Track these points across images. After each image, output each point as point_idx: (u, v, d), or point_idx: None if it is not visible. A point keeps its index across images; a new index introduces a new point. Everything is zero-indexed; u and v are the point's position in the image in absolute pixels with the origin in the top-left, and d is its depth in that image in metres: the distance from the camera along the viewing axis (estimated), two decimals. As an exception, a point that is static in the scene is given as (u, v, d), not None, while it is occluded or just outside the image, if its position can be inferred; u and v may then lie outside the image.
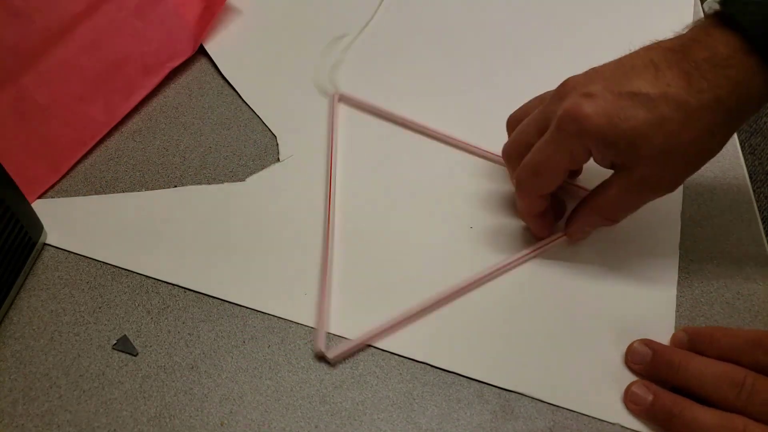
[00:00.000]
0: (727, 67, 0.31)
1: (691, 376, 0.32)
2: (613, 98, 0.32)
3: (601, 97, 0.32)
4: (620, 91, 0.32)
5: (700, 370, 0.32)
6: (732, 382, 0.31)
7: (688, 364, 0.32)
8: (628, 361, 0.34)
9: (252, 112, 0.48)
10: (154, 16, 0.51)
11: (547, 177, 0.35)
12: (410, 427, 0.32)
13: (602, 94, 0.33)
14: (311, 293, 0.37)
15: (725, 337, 0.33)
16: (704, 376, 0.32)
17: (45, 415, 0.33)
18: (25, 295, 0.37)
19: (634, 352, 0.34)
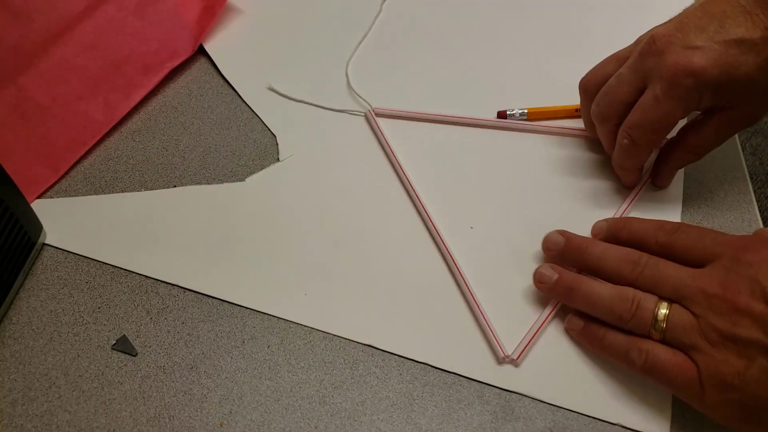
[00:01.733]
0: None
1: (596, 258, 0.35)
2: (720, 48, 0.34)
3: (708, 49, 0.35)
4: (725, 40, 0.34)
5: (604, 252, 0.35)
6: (629, 261, 0.34)
7: (594, 248, 0.36)
8: (544, 247, 0.37)
9: (252, 112, 0.48)
10: (153, 16, 0.51)
11: (664, 131, 0.38)
12: (410, 428, 0.32)
13: (709, 45, 0.35)
14: (311, 293, 0.37)
15: (637, 223, 0.36)
16: (606, 258, 0.35)
17: (44, 416, 0.33)
18: (24, 295, 0.37)
19: (549, 239, 0.37)
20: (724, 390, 0.29)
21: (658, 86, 0.36)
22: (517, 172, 0.44)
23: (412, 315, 0.36)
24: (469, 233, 0.40)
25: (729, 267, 0.31)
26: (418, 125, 0.47)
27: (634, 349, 0.32)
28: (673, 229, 0.35)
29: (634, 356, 0.32)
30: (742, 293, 0.30)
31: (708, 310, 0.30)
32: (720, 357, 0.30)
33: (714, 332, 0.30)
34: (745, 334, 0.29)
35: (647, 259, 0.34)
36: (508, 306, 0.37)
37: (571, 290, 0.35)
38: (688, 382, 0.30)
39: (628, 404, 0.33)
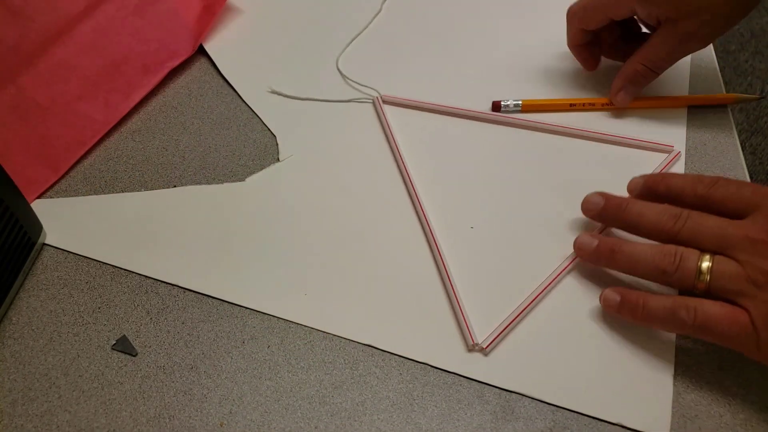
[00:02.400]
0: None
1: (636, 214, 0.36)
2: None
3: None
4: None
5: (643, 208, 0.36)
6: (670, 215, 0.34)
7: (633, 205, 0.36)
8: (584, 209, 0.38)
9: (251, 112, 0.48)
10: (153, 16, 0.51)
11: (591, 13, 0.45)
12: (410, 428, 0.32)
13: None
14: (311, 293, 0.37)
15: (674, 177, 0.37)
16: (646, 214, 0.35)
17: (44, 416, 0.33)
18: (24, 295, 0.37)
19: (588, 201, 0.38)
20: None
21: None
22: (516, 166, 0.44)
23: (408, 313, 0.36)
24: (469, 233, 0.40)
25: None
26: (423, 116, 0.47)
27: (681, 308, 0.32)
28: (711, 182, 0.35)
29: (683, 315, 0.32)
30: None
31: (754, 255, 0.31)
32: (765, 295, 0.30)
33: (761, 275, 0.31)
34: None
35: (688, 213, 0.34)
36: (494, 299, 0.37)
37: (612, 252, 0.35)
38: (742, 330, 0.31)
39: (629, 404, 0.33)
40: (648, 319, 0.34)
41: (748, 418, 0.32)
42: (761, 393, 0.33)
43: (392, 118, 0.47)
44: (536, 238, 0.40)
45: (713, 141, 0.45)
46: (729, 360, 0.34)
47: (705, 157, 0.44)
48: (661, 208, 0.35)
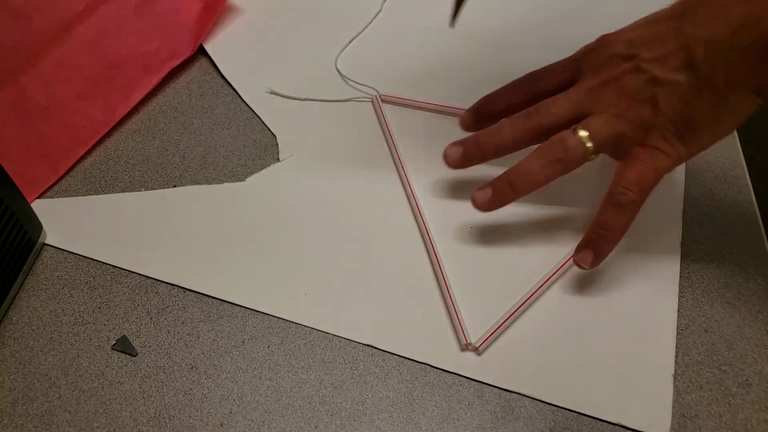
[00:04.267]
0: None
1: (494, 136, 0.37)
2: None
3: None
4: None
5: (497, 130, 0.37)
6: (522, 117, 0.37)
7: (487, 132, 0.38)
8: (448, 162, 0.39)
9: (251, 112, 0.48)
10: (153, 16, 0.51)
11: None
12: (410, 428, 0.32)
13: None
14: (311, 293, 0.37)
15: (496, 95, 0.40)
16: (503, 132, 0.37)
17: (44, 416, 0.33)
18: (24, 295, 0.37)
19: (447, 153, 0.39)
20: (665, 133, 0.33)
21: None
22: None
23: (406, 313, 0.36)
24: (467, 233, 0.40)
25: (590, 66, 0.36)
26: (422, 116, 0.47)
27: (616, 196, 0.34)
28: (528, 78, 0.39)
29: (623, 199, 0.34)
30: (611, 66, 0.35)
31: (602, 99, 0.34)
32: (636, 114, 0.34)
33: (618, 106, 0.34)
34: (633, 86, 0.34)
35: (534, 107, 0.36)
36: (490, 299, 0.37)
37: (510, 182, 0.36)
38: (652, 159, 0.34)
39: (629, 404, 0.33)
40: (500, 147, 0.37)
41: (748, 418, 0.32)
42: (761, 393, 0.33)
43: (391, 117, 0.47)
44: (534, 238, 0.40)
45: (713, 141, 0.45)
46: (729, 360, 0.34)
47: (705, 158, 0.44)
48: (510, 118, 0.37)
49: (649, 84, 0.33)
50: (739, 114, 0.33)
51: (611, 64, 0.35)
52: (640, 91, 0.34)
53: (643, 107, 0.34)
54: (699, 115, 0.33)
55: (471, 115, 0.41)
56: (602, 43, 0.37)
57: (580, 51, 0.38)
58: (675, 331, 0.35)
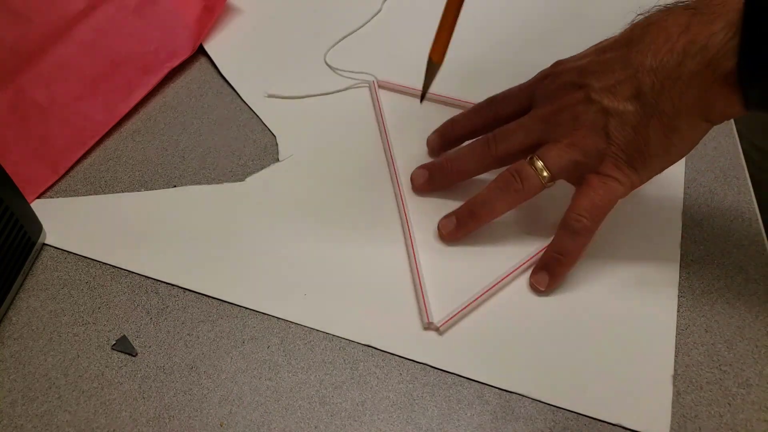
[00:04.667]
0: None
1: (456, 164, 0.40)
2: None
3: None
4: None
5: (459, 156, 0.40)
6: (482, 144, 0.39)
7: (449, 158, 0.40)
8: (414, 187, 0.41)
9: (251, 112, 0.48)
10: (153, 16, 0.51)
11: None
12: (410, 428, 0.32)
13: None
14: (311, 294, 0.37)
15: (459, 118, 0.42)
16: (464, 158, 0.39)
17: (44, 416, 0.33)
18: (24, 295, 0.37)
19: (414, 177, 0.41)
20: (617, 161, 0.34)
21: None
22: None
23: (409, 313, 0.36)
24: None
25: (544, 93, 0.37)
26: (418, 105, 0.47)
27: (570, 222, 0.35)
28: (488, 103, 0.41)
29: (577, 226, 0.35)
30: (563, 95, 0.36)
31: (555, 129, 0.36)
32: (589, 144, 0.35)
33: (572, 136, 0.35)
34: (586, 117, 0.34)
35: (492, 134, 0.38)
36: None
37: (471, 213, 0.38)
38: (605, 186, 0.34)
39: (629, 404, 0.33)
40: (462, 172, 0.39)
41: (748, 418, 0.32)
42: (761, 393, 0.33)
43: (388, 105, 0.47)
44: (521, 224, 0.40)
45: (713, 141, 0.45)
46: (729, 360, 0.34)
47: (705, 158, 0.44)
48: (471, 145, 0.39)
49: (601, 114, 0.34)
50: (690, 140, 0.34)
51: (563, 92, 0.36)
52: (593, 122, 0.34)
53: (597, 136, 0.34)
54: (649, 143, 0.33)
55: (437, 138, 0.43)
56: (555, 70, 0.38)
57: (536, 76, 0.39)
58: (675, 332, 0.35)
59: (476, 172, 0.40)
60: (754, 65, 0.29)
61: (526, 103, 0.39)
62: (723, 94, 0.31)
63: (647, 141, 0.33)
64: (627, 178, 0.35)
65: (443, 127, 0.43)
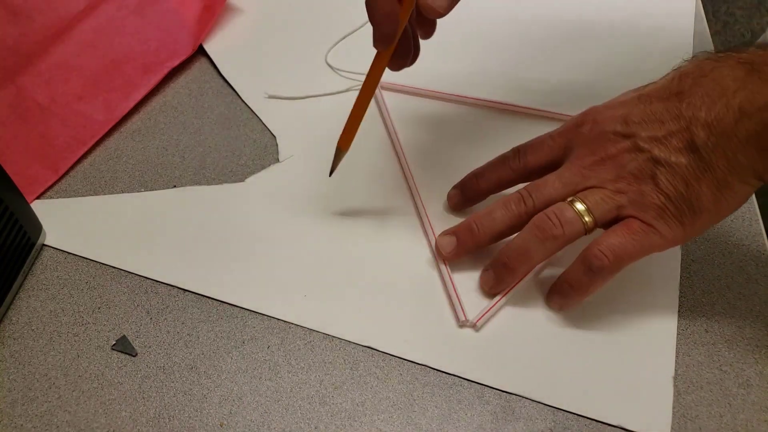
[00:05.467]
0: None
1: (488, 223, 0.36)
2: None
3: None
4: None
5: (490, 215, 0.36)
6: (515, 201, 0.35)
7: (479, 219, 0.36)
8: (442, 254, 0.38)
9: (251, 112, 0.48)
10: (153, 16, 0.51)
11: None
12: (410, 428, 0.32)
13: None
14: (311, 295, 0.37)
15: (483, 170, 0.39)
16: (496, 218, 0.36)
17: (44, 416, 0.33)
18: (24, 295, 0.37)
19: (440, 245, 0.38)
20: (664, 213, 0.32)
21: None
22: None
23: (409, 314, 0.36)
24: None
25: (583, 142, 0.35)
26: (423, 103, 0.47)
27: (589, 258, 0.33)
28: (516, 153, 0.38)
29: (596, 264, 0.33)
30: (606, 144, 0.34)
31: (599, 175, 0.34)
32: (636, 191, 0.33)
33: (618, 183, 0.33)
34: (634, 165, 0.33)
35: (526, 190, 0.35)
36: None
37: (504, 264, 0.35)
38: (644, 234, 0.32)
39: (629, 406, 0.33)
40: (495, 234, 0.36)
41: (748, 418, 0.32)
42: (761, 393, 0.33)
43: (392, 106, 0.47)
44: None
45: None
46: (729, 360, 0.34)
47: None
48: (501, 201, 0.36)
49: (650, 163, 0.33)
50: (741, 197, 0.32)
51: (606, 141, 0.34)
52: (641, 170, 0.33)
53: (644, 184, 0.33)
54: (700, 197, 0.32)
55: (458, 193, 0.40)
56: (593, 118, 0.35)
57: (567, 124, 0.37)
58: (675, 333, 0.35)
59: (509, 232, 0.36)
60: None
61: (559, 153, 0.36)
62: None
63: (699, 196, 0.32)
64: (670, 232, 0.32)
65: (465, 180, 0.40)
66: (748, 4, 1.70)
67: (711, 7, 1.69)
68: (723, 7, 1.69)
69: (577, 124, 0.36)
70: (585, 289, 0.34)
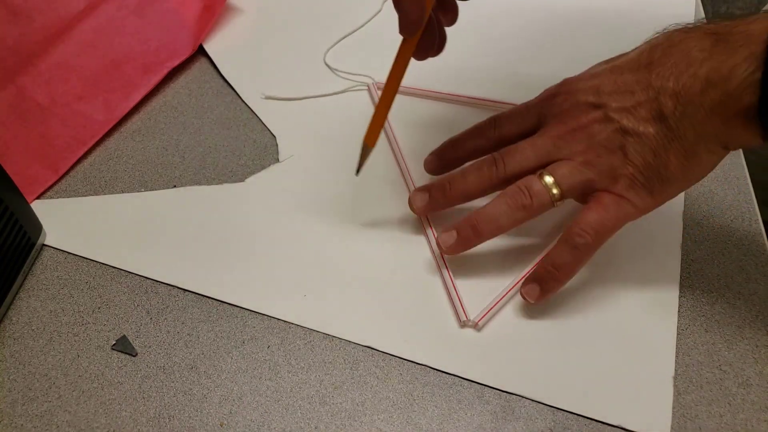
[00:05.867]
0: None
1: (460, 182, 0.37)
2: None
3: None
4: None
5: (463, 176, 0.37)
6: (488, 164, 0.36)
7: (453, 178, 0.38)
8: (414, 208, 0.39)
9: (252, 112, 0.48)
10: (153, 16, 0.51)
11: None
12: (410, 428, 0.32)
13: None
14: (311, 294, 0.37)
15: (459, 137, 0.40)
16: (468, 179, 0.37)
17: (44, 416, 0.33)
18: (24, 295, 0.37)
19: (414, 199, 0.39)
20: (634, 183, 0.33)
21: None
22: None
23: (408, 314, 0.36)
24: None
25: (556, 112, 0.36)
26: (418, 103, 0.47)
27: (572, 236, 0.34)
28: (492, 122, 0.39)
29: (579, 241, 0.34)
30: (578, 114, 0.34)
31: (570, 145, 0.34)
32: (605, 163, 0.33)
33: (587, 154, 0.34)
34: (603, 136, 0.33)
35: (499, 154, 0.36)
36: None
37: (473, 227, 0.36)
38: (618, 206, 0.33)
39: (629, 406, 0.33)
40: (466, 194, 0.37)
41: (748, 418, 0.32)
42: (761, 393, 0.33)
43: None
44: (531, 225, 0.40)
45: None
46: (729, 360, 0.34)
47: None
48: (476, 164, 0.37)
49: (619, 133, 0.33)
50: (708, 165, 0.33)
51: (578, 111, 0.35)
52: (610, 140, 0.33)
53: (613, 155, 0.33)
54: (668, 166, 0.33)
55: (435, 159, 0.41)
56: (566, 89, 0.36)
57: (542, 95, 0.38)
58: (675, 333, 0.35)
59: (481, 194, 0.38)
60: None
61: (533, 123, 0.37)
62: (743, 126, 0.30)
63: (666, 165, 0.32)
64: (641, 201, 0.34)
65: (442, 147, 0.41)
66: (747, 4, 1.70)
67: (711, 7, 1.69)
68: (723, 8, 1.69)
69: (551, 95, 0.37)
70: (570, 267, 0.35)
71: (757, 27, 0.30)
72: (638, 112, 0.33)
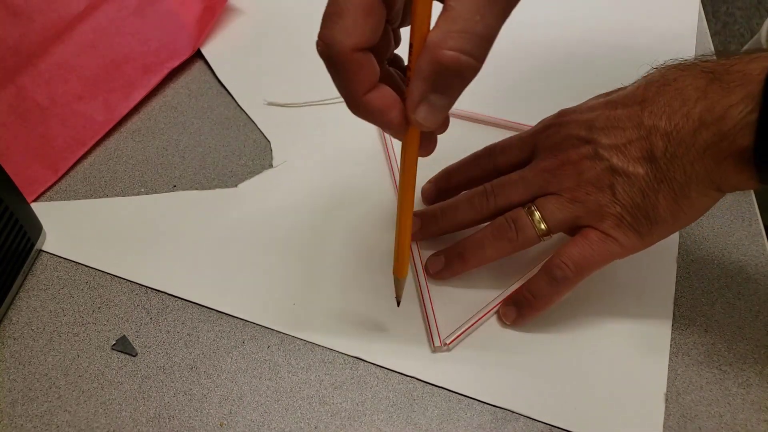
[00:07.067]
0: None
1: (451, 214, 0.38)
2: None
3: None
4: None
5: (454, 206, 0.38)
6: (479, 195, 0.37)
7: (444, 208, 0.38)
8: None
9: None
10: (153, 16, 0.51)
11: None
12: (410, 428, 0.32)
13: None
14: (299, 303, 0.37)
15: (456, 166, 0.40)
16: (460, 209, 0.37)
17: (44, 416, 0.33)
18: (24, 295, 0.37)
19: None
20: (621, 222, 0.33)
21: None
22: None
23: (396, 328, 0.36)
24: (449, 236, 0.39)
25: (548, 145, 0.35)
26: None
27: (552, 268, 0.34)
28: (487, 152, 0.39)
29: (558, 274, 0.33)
30: (569, 148, 0.34)
31: (559, 181, 0.34)
32: (593, 201, 0.33)
33: (576, 192, 0.34)
34: (592, 174, 0.33)
35: (490, 185, 0.37)
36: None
37: (461, 255, 0.36)
38: (603, 244, 0.33)
39: (619, 422, 0.32)
40: (457, 223, 0.37)
41: (748, 418, 0.32)
42: (761, 393, 0.33)
43: None
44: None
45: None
46: (729, 360, 0.34)
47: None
48: (468, 195, 0.37)
49: (608, 172, 0.33)
50: (700, 208, 0.32)
51: (568, 145, 0.34)
52: (599, 179, 0.33)
53: (602, 194, 0.33)
54: (657, 208, 0.32)
55: (432, 187, 0.41)
56: (560, 120, 0.36)
57: (538, 126, 0.38)
58: (668, 349, 0.35)
59: (471, 224, 0.37)
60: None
61: (527, 154, 0.37)
62: (736, 168, 0.29)
63: (655, 206, 0.32)
64: (628, 241, 0.33)
65: (439, 176, 0.41)
66: (747, 4, 1.70)
67: (711, 7, 1.69)
68: (723, 8, 1.69)
69: (545, 126, 0.37)
70: (547, 298, 0.34)
71: (754, 66, 0.29)
72: (629, 150, 0.32)
